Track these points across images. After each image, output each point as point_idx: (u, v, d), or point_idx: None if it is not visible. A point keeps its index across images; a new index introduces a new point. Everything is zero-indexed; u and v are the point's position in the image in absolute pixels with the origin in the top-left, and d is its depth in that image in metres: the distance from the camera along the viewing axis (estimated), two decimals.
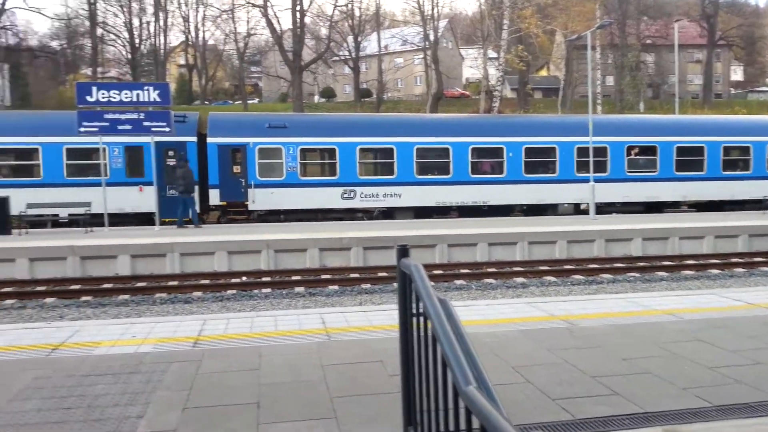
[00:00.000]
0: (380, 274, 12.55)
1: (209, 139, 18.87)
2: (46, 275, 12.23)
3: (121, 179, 18.30)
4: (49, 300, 10.31)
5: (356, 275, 12.54)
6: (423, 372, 2.66)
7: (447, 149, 20.49)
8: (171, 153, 18.55)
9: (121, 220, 17.92)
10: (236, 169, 19.00)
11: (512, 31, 36.31)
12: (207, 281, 11.80)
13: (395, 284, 11.10)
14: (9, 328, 6.20)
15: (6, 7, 37.49)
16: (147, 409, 3.72)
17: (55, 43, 48.92)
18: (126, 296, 10.60)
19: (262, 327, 5.84)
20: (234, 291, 11.06)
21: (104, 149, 17.31)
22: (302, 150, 19.46)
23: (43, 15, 66.72)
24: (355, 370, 4.40)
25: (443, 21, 57.93)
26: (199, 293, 10.86)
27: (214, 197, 18.99)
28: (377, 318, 6.12)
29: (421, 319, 2.68)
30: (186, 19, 55.46)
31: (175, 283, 11.60)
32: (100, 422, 3.56)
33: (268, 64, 62.67)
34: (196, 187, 18.31)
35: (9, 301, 10.22)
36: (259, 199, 18.78)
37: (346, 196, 19.72)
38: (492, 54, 43.99)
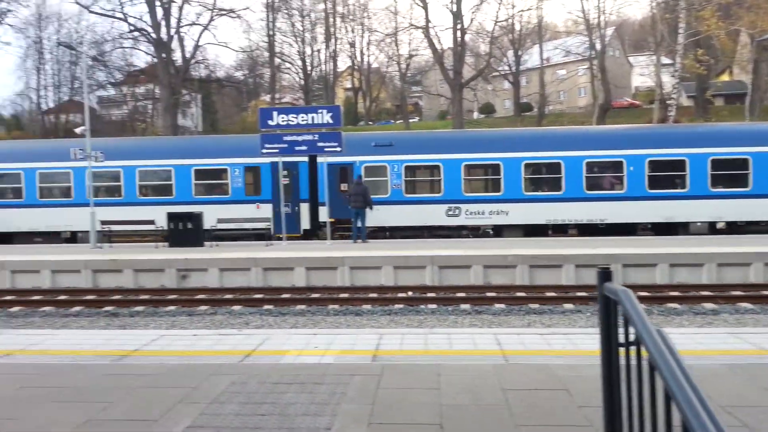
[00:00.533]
0: (548, 294, 12.04)
1: (319, 159, 19.37)
2: (233, 284, 13.38)
3: (241, 197, 19.87)
4: (236, 308, 11.24)
5: (522, 294, 12.16)
6: (634, 408, 2.42)
7: (558, 164, 19.50)
8: (285, 172, 19.57)
9: (241, 234, 19.41)
10: (344, 186, 19.67)
11: (689, 35, 33.49)
12: (375, 295, 12.12)
13: (566, 305, 10.47)
14: (207, 333, 6.80)
15: (200, 43, 42.11)
16: (334, 422, 3.81)
17: (239, 74, 53.94)
18: (303, 306, 11.22)
19: (437, 344, 5.80)
20: (401, 305, 11.23)
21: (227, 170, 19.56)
22: (407, 167, 19.61)
23: (230, 48, 74.13)
24: (539, 397, 4.17)
25: (610, 28, 55.00)
26: (368, 306, 11.18)
27: (324, 214, 19.54)
28: (557, 342, 5.81)
29: (631, 348, 2.46)
30: (352, 45, 58.49)
31: (346, 295, 12.07)
32: (292, 431, 3.71)
33: (428, 83, 63.90)
34: (307, 205, 19.59)
35: (203, 308, 11.29)
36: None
37: (450, 213, 19.53)
38: (666, 60, 40.88)
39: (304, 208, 19.79)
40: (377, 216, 18.86)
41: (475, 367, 4.94)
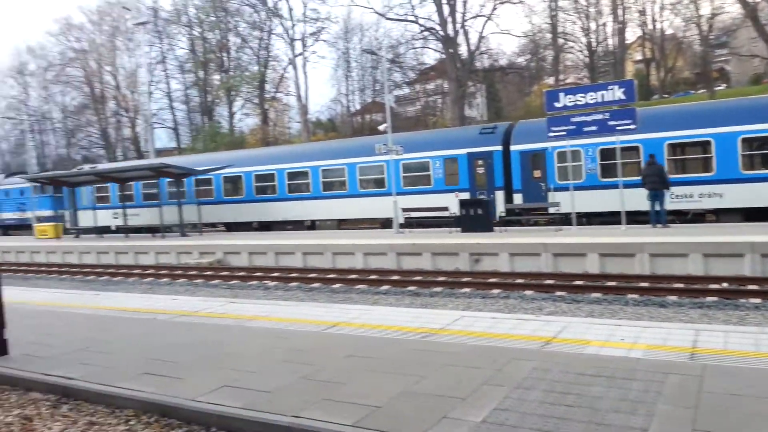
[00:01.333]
0: None
1: (512, 147, 19.87)
2: (524, 269, 13.39)
3: (441, 187, 21.02)
4: (527, 292, 11.21)
5: None
6: None
7: None
8: (480, 162, 20.44)
9: (441, 222, 19.69)
10: (536, 173, 19.47)
11: None
12: (681, 285, 10.92)
13: None
14: (504, 317, 6.89)
15: (483, 34, 43.06)
16: (651, 423, 3.50)
17: (521, 60, 53.61)
18: (597, 294, 10.67)
19: None
20: (715, 298, 9.93)
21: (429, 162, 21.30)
22: (602, 151, 18.30)
23: (512, 35, 74.17)
24: None
25: None
26: (674, 297, 10.13)
27: (518, 201, 19.77)
28: None
29: None
30: (642, 13, 53.51)
31: (646, 284, 11.13)
32: (603, 427, 3.52)
33: (737, 44, 55.15)
34: (502, 193, 19.90)
35: (495, 291, 11.52)
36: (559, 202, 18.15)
37: None
38: None
39: (499, 196, 20.15)
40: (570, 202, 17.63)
41: None
